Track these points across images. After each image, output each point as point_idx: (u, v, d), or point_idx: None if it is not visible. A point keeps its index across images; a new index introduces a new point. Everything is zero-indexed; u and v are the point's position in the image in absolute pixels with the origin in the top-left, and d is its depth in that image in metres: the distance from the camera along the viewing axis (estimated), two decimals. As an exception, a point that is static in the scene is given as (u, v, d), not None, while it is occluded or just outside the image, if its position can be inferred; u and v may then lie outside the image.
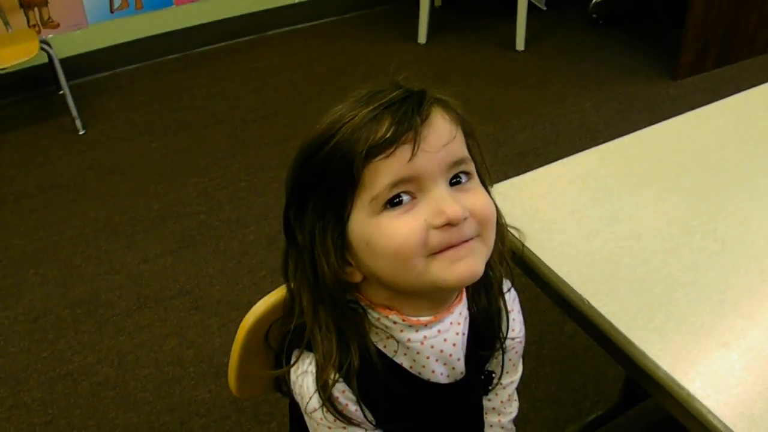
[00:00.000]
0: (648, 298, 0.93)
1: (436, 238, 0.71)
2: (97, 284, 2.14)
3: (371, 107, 0.71)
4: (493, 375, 0.93)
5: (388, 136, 0.69)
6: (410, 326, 0.78)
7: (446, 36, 3.58)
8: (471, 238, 0.73)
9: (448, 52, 3.46)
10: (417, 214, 0.71)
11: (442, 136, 0.72)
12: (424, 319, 0.79)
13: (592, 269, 0.98)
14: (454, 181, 0.74)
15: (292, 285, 0.81)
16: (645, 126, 1.30)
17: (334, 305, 0.76)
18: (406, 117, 0.70)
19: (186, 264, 2.21)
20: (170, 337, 1.96)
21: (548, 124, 2.84)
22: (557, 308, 1.01)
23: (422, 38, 3.50)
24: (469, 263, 0.73)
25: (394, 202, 0.71)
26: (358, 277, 0.77)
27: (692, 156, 1.21)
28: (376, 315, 0.78)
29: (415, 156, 0.69)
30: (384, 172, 0.70)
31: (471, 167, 0.76)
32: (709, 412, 0.79)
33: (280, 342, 0.85)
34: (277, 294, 0.87)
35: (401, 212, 0.71)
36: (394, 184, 0.70)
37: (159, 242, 2.30)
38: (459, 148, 0.74)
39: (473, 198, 0.74)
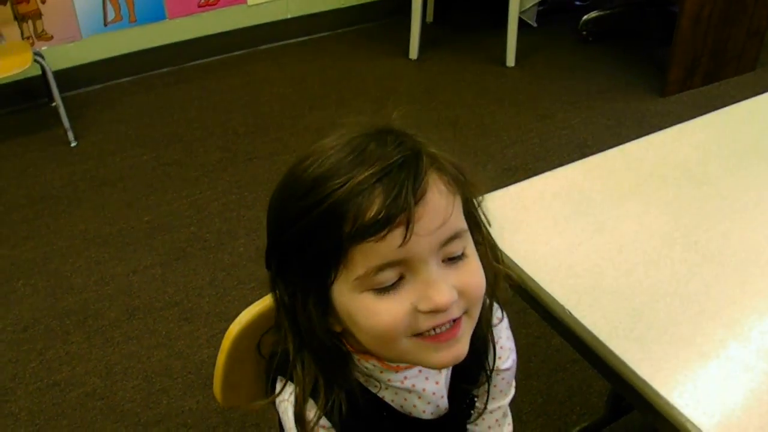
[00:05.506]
0: (629, 309, 0.95)
1: (423, 321, 0.68)
2: (87, 295, 2.15)
3: (363, 175, 0.65)
4: (476, 400, 0.89)
5: (380, 217, 0.63)
6: (389, 369, 0.78)
7: (437, 51, 3.61)
8: (458, 317, 0.70)
9: (439, 67, 3.48)
10: (403, 297, 0.67)
11: (436, 217, 0.66)
12: (403, 365, 0.78)
13: (574, 280, 1.00)
14: (446, 258, 0.69)
15: (281, 315, 0.77)
16: (633, 142, 1.31)
17: (317, 350, 0.73)
18: (400, 195, 0.64)
19: (176, 275, 2.21)
20: (159, 348, 1.96)
21: (537, 140, 2.87)
22: (544, 322, 1.02)
23: (414, 54, 3.53)
24: (453, 350, 0.70)
25: (379, 287, 0.67)
26: (338, 328, 0.74)
27: (675, 170, 1.23)
28: (356, 357, 0.77)
29: (407, 241, 0.64)
30: (371, 255, 0.65)
31: (466, 239, 0.71)
32: (688, 420, 0.80)
33: (267, 362, 0.83)
34: (262, 304, 0.89)
35: (386, 293, 0.67)
36: (381, 268, 0.66)
37: (149, 254, 2.31)
38: (454, 222, 0.68)
39: (464, 276, 0.69)
